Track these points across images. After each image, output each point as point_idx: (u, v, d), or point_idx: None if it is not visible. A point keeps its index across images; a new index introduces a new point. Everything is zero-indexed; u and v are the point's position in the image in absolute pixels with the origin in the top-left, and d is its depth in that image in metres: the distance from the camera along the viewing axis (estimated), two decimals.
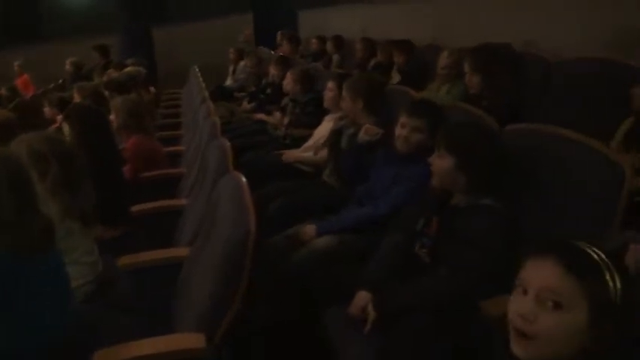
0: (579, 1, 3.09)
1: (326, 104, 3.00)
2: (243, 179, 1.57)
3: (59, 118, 3.12)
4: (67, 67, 5.83)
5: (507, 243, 1.37)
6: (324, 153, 2.68)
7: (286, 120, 3.61)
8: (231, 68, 6.26)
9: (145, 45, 7.20)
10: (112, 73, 4.74)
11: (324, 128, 2.98)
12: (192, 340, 1.38)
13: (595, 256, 0.85)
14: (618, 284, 0.83)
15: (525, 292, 0.87)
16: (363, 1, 6.13)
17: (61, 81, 6.05)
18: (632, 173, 1.92)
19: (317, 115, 3.22)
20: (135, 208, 2.41)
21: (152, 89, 5.30)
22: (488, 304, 1.29)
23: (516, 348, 0.86)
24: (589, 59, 2.61)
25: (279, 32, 6.45)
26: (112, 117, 2.95)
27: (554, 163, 1.54)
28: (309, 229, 2.02)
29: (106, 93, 3.69)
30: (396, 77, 4.10)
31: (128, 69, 4.64)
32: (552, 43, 3.13)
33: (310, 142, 2.92)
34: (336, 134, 2.59)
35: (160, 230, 2.39)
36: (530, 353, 0.85)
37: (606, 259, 0.84)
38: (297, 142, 3.21)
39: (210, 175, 1.99)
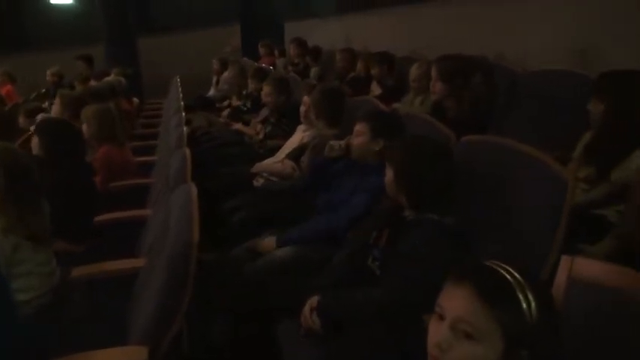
0: (543, 16, 3.15)
1: (302, 119, 3.02)
2: (194, 190, 1.56)
3: (32, 128, 3.12)
4: (48, 77, 5.82)
5: (450, 257, 1.36)
6: (289, 163, 2.68)
7: (264, 130, 3.62)
8: (214, 79, 6.27)
9: (130, 55, 7.20)
10: (92, 83, 4.73)
11: (296, 139, 2.98)
12: (134, 353, 1.36)
13: (510, 278, 0.83)
14: (533, 305, 0.82)
15: (442, 318, 0.87)
16: (347, 13, 6.18)
17: (43, 90, 6.04)
18: (589, 186, 1.97)
19: (292, 125, 3.23)
20: (100, 218, 2.39)
21: (135, 100, 5.30)
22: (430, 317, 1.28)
23: None
24: (551, 71, 2.64)
25: (259, 43, 6.47)
26: (83, 126, 2.94)
27: (504, 175, 1.54)
28: (269, 241, 2.01)
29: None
30: (376, 90, 4.11)
31: (108, 78, 4.63)
32: (520, 55, 3.18)
33: (280, 153, 2.92)
34: (301, 149, 2.62)
35: (128, 241, 2.38)
36: None
37: (521, 280, 0.83)
38: (272, 152, 3.21)
39: (170, 185, 1.98)
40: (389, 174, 1.59)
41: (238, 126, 4.05)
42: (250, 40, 7.68)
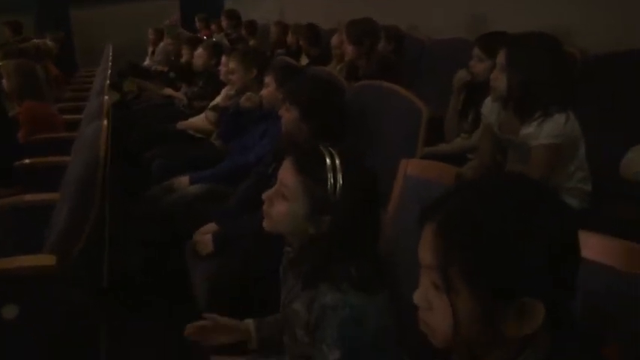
0: None
1: (222, 77, 3.17)
2: (105, 122, 1.72)
3: None
4: None
5: None
6: (210, 115, 2.85)
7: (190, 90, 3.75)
8: (150, 49, 6.27)
9: (61, 24, 7.04)
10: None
11: (220, 99, 3.14)
12: (43, 259, 1.51)
13: (328, 159, 1.00)
14: (340, 183, 0.98)
15: None
16: None
17: None
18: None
19: (218, 87, 3.38)
20: (21, 163, 2.46)
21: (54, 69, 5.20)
22: None
23: (264, 222, 1.08)
24: (452, 39, 2.95)
25: (196, 17, 6.53)
26: (3, 81, 2.96)
27: (382, 111, 1.80)
28: (183, 179, 2.18)
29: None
30: (304, 60, 4.32)
31: (37, 41, 4.58)
32: (428, 26, 3.50)
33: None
34: (223, 109, 2.78)
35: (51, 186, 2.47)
36: (269, 227, 1.07)
37: (337, 163, 0.99)
38: (199, 112, 3.36)
39: (87, 125, 2.11)
40: (292, 113, 1.77)
41: (168, 91, 4.15)
42: (189, 14, 7.68)
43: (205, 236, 1.73)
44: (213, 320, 1.18)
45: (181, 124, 3.05)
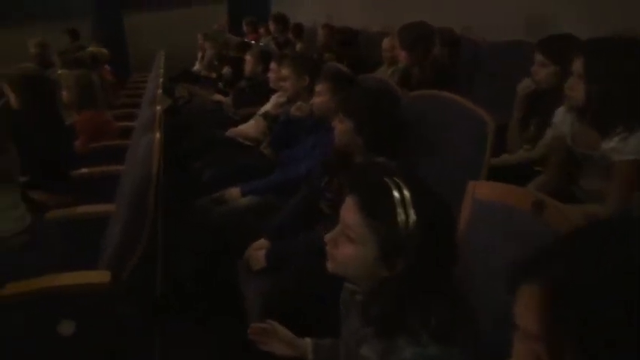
0: None
1: (272, 84, 3.13)
2: (158, 134, 1.70)
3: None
4: (32, 49, 5.83)
5: None
6: (262, 124, 2.82)
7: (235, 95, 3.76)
8: (199, 54, 6.35)
9: (116, 31, 7.26)
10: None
11: (269, 106, 3.11)
12: (98, 276, 1.50)
13: (396, 193, 0.89)
14: (412, 220, 0.88)
15: None
16: None
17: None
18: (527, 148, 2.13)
19: (266, 93, 3.35)
20: (78, 172, 2.51)
21: (108, 68, 5.33)
22: None
23: (328, 264, 1.00)
24: (510, 42, 2.79)
25: (244, 21, 6.56)
26: (63, 92, 3.04)
27: (442, 122, 1.69)
28: (234, 190, 2.15)
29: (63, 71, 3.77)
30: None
31: (91, 49, 4.72)
32: (485, 28, 3.34)
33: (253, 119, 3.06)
34: (274, 118, 2.74)
35: (108, 195, 2.51)
36: (334, 270, 0.99)
37: (407, 196, 0.89)
38: (246, 119, 3.34)
39: (140, 135, 2.11)
40: (346, 124, 1.71)
41: (218, 96, 4.17)
42: (237, 17, 7.76)
43: (258, 252, 1.69)
44: (273, 327, 1.17)
45: (231, 132, 3.03)
